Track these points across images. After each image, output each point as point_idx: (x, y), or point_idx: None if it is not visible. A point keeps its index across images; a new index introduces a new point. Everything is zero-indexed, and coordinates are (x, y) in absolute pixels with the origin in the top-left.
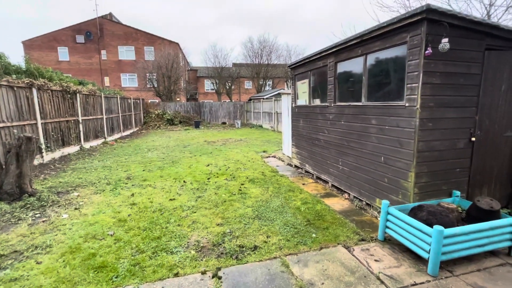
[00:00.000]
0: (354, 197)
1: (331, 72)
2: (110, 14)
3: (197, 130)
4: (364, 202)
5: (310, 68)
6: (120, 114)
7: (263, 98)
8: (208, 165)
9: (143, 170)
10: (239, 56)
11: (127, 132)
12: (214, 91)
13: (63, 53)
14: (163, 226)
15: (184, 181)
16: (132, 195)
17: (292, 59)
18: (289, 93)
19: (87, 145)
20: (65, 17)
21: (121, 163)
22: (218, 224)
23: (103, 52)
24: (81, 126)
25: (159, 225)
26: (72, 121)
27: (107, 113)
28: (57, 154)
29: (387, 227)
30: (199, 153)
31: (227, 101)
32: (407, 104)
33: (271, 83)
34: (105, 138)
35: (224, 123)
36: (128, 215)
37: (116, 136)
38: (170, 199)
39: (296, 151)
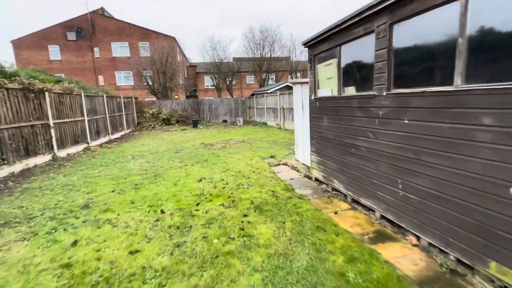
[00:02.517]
0: (430, 244)
1: (382, 42)
2: (102, 8)
3: (195, 130)
4: (452, 257)
5: (340, 42)
6: (107, 115)
7: (267, 93)
8: (201, 180)
9: (112, 191)
10: (239, 48)
11: (117, 135)
12: (214, 87)
13: (54, 52)
14: None
15: (162, 211)
16: (75, 243)
17: (297, 50)
18: (304, 82)
19: (62, 153)
20: (54, 15)
21: (89, 179)
22: None
23: (96, 49)
24: (52, 131)
25: None
26: (40, 125)
27: (90, 114)
28: (18, 167)
29: None
30: (192, 161)
31: (227, 97)
32: None
33: (274, 77)
34: (87, 143)
35: (225, 121)
36: None
37: (103, 140)
38: (131, 252)
39: (318, 159)
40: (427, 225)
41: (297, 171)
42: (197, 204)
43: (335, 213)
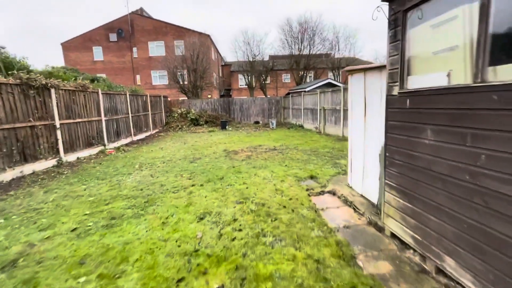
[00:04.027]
0: None
1: None
2: (141, 9)
3: (223, 132)
4: None
5: None
6: (130, 115)
7: (305, 91)
8: (203, 218)
9: (73, 230)
10: (274, 43)
11: (141, 136)
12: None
13: (97, 53)
14: None
15: None
16: None
17: (341, 44)
18: (370, 68)
19: (72, 157)
20: (103, 18)
21: (64, 202)
22: None
23: (134, 49)
24: (58, 132)
25: None
26: (42, 126)
27: (109, 114)
28: (9, 175)
29: None
30: (204, 178)
31: (260, 96)
32: None
33: (312, 75)
34: (104, 145)
35: (257, 122)
36: None
37: (124, 141)
38: None
39: (403, 205)
40: None
41: (354, 208)
42: (179, 282)
43: None
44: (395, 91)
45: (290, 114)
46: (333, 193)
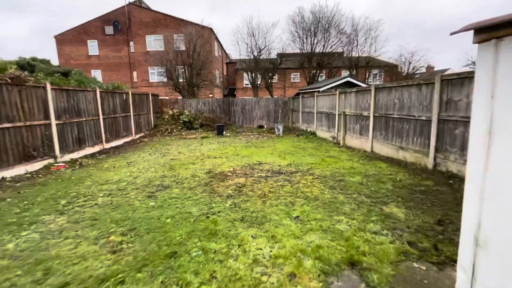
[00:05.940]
0: None
1: None
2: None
3: (217, 140)
4: None
5: None
6: (101, 117)
7: (319, 91)
8: None
9: None
10: (283, 35)
11: (118, 142)
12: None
13: (92, 47)
14: None
15: None
16: None
17: (360, 39)
18: None
19: None
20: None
21: None
22: None
23: (131, 43)
24: None
25: None
26: None
27: (67, 116)
28: None
29: None
30: (141, 253)
31: (266, 97)
32: None
33: (323, 75)
34: (54, 157)
35: (260, 126)
36: None
37: (90, 150)
38: None
39: None
40: None
41: None
42: None
43: None
44: None
45: (300, 118)
46: None
